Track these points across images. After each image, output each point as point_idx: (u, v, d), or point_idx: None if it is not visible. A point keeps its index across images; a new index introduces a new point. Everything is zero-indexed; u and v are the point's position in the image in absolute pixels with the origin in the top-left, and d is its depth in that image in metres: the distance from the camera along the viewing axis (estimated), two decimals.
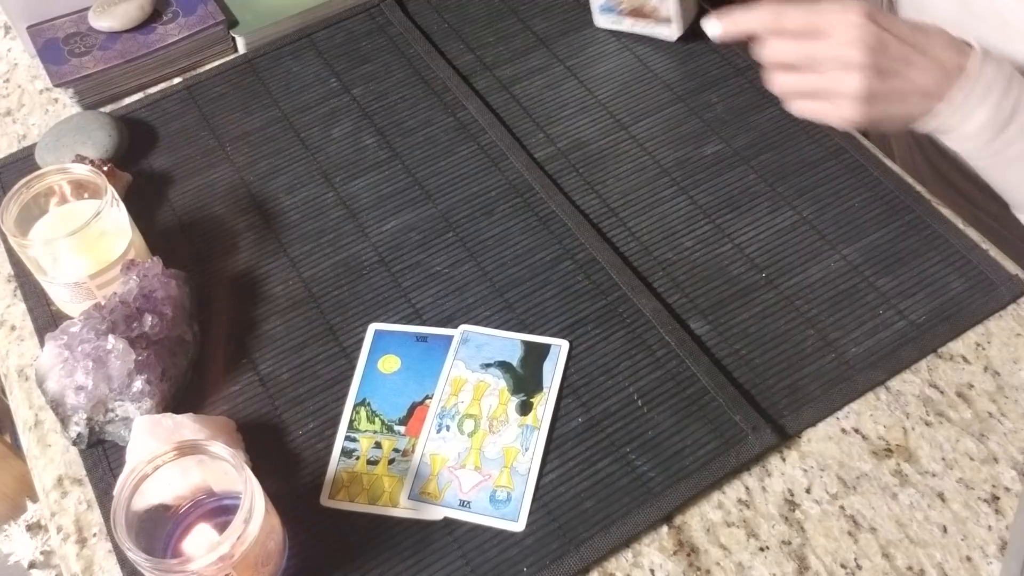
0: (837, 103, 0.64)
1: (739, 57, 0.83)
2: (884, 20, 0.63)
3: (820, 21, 0.63)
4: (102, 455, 0.63)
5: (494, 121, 0.80)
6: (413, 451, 0.62)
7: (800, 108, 0.67)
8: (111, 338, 0.61)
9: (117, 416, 0.62)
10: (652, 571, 0.57)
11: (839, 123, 0.65)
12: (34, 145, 0.80)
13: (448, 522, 0.59)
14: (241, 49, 0.89)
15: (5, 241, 0.75)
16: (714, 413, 0.62)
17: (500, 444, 0.61)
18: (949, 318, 0.66)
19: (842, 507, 0.59)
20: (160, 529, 0.55)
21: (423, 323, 0.68)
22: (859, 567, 0.56)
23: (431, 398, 0.64)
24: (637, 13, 0.83)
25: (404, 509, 0.59)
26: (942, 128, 0.65)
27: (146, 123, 0.84)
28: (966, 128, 0.64)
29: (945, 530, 0.57)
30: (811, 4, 0.63)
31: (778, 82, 0.66)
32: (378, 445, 0.62)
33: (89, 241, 0.64)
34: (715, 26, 0.66)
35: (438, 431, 0.62)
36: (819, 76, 0.64)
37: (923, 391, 0.63)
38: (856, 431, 0.62)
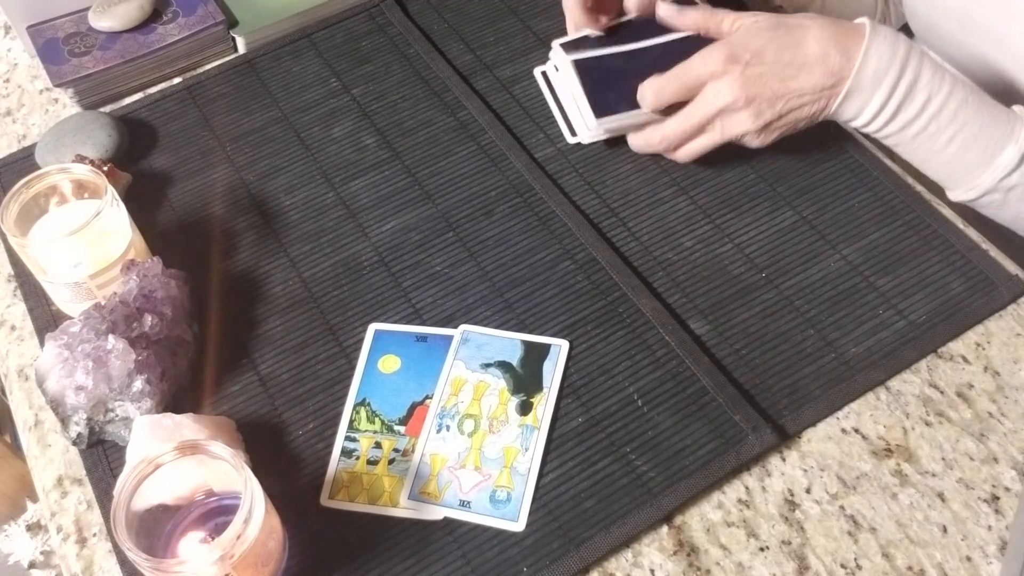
0: (742, 140, 0.69)
1: None
2: (747, 52, 0.66)
3: (687, 79, 0.67)
4: (102, 455, 0.63)
5: (494, 121, 0.80)
6: (413, 451, 0.62)
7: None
8: (111, 338, 0.61)
9: (117, 416, 0.62)
10: (652, 571, 0.57)
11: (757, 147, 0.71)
12: (34, 145, 0.80)
13: (448, 522, 0.59)
14: (241, 49, 0.89)
15: (5, 241, 0.75)
16: (714, 413, 0.62)
17: (500, 444, 0.61)
18: (949, 318, 0.66)
19: (842, 507, 0.59)
20: (160, 529, 0.55)
21: (423, 323, 0.68)
22: (859, 567, 0.56)
23: (431, 398, 0.64)
24: None
25: (404, 509, 0.59)
26: (843, 118, 0.69)
27: (146, 123, 0.84)
28: (864, 115, 0.67)
29: (945, 530, 0.57)
30: (680, 64, 0.68)
31: (683, 155, 0.72)
32: (378, 445, 0.62)
33: (89, 241, 0.64)
34: (599, 133, 0.74)
35: (438, 431, 0.62)
36: (713, 130, 0.69)
37: (923, 391, 0.63)
38: (856, 431, 0.62)
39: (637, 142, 0.74)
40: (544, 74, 0.81)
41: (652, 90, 0.69)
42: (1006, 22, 0.71)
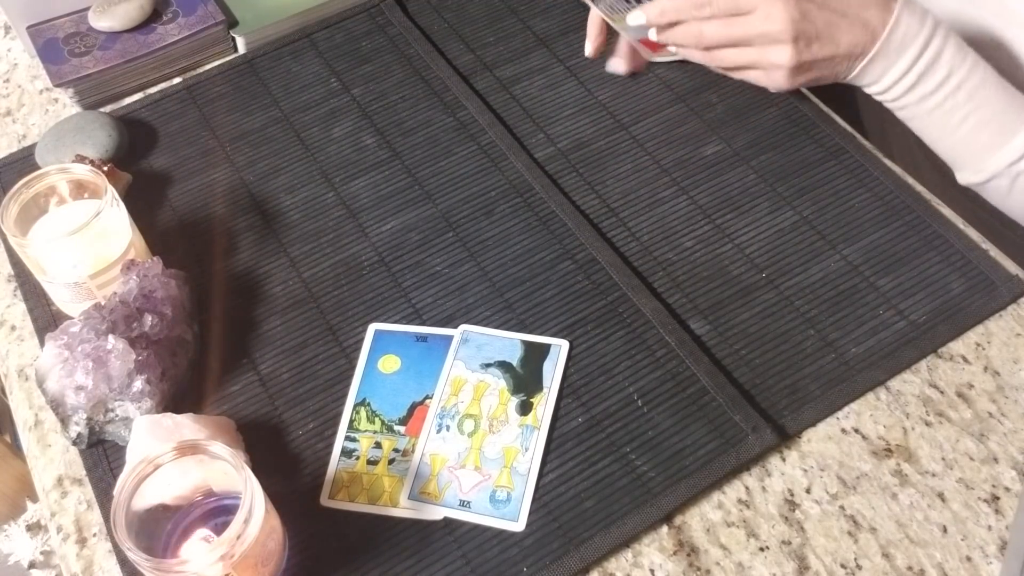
0: (769, 73, 0.68)
1: None
2: None
3: (742, 1, 0.66)
4: (102, 455, 0.63)
5: (494, 121, 0.80)
6: (413, 451, 0.62)
7: (732, 74, 0.71)
8: (111, 338, 0.61)
9: (117, 416, 0.62)
10: (652, 571, 0.57)
11: (772, 89, 0.70)
12: (34, 145, 0.80)
13: (448, 522, 0.59)
14: (241, 49, 0.89)
15: (5, 241, 0.75)
16: (714, 413, 0.62)
17: (500, 444, 0.61)
18: (949, 318, 0.66)
19: (842, 507, 0.59)
20: (160, 529, 0.55)
21: (423, 323, 0.68)
22: (859, 567, 0.56)
23: (431, 398, 0.64)
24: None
25: (404, 509, 0.59)
26: (863, 82, 0.68)
27: (146, 123, 0.84)
28: (883, 81, 0.67)
29: (945, 530, 0.57)
30: None
31: (709, 57, 0.70)
32: (378, 445, 0.62)
33: (89, 241, 0.64)
34: (638, 16, 0.71)
35: (438, 431, 0.62)
36: (748, 50, 0.67)
37: (923, 391, 0.63)
38: (856, 431, 0.62)
39: (675, 36, 0.71)
40: None
41: (698, 2, 0.66)
42: (1003, 25, 0.71)
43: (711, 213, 0.73)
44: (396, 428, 0.63)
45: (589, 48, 0.82)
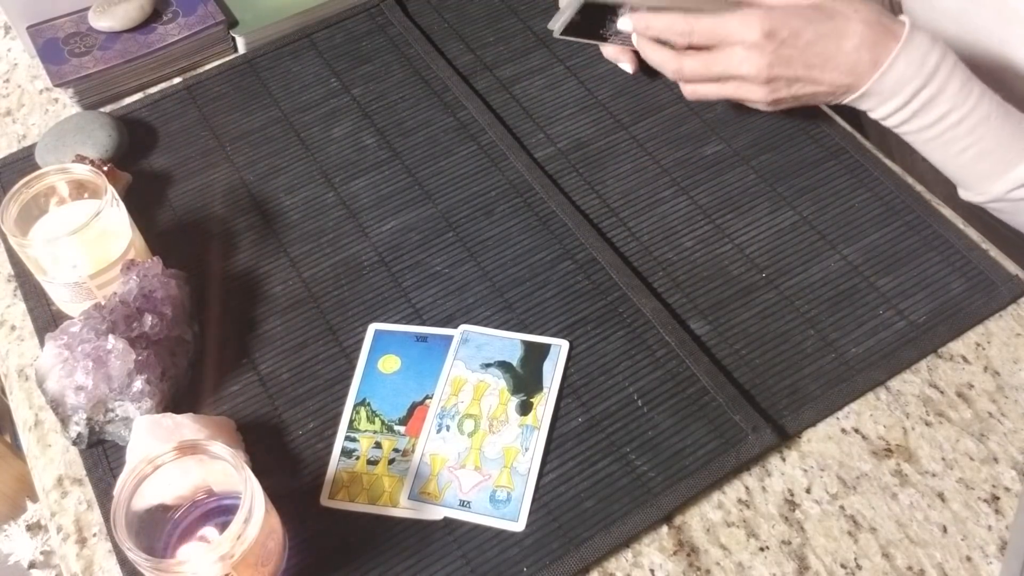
0: (744, 100, 0.71)
1: None
2: (786, 30, 0.65)
3: (722, 35, 0.67)
4: (102, 455, 0.63)
5: (494, 121, 0.80)
6: (413, 451, 0.62)
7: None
8: (111, 338, 0.61)
9: (117, 416, 0.62)
10: (652, 571, 0.57)
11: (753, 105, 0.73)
12: (34, 145, 0.80)
13: (448, 522, 0.59)
14: (241, 49, 0.89)
15: (5, 241, 0.75)
16: (714, 413, 0.62)
17: (500, 444, 0.61)
18: (949, 318, 0.66)
19: (842, 507, 0.59)
20: (160, 529, 0.55)
21: (423, 323, 0.68)
22: (859, 567, 0.56)
23: (431, 398, 0.64)
24: None
25: (404, 509, 0.59)
26: (858, 107, 0.70)
27: (146, 123, 0.84)
28: (879, 111, 0.69)
29: (945, 530, 0.57)
30: (717, 14, 0.68)
31: (689, 91, 0.73)
32: (378, 445, 0.62)
33: (89, 241, 0.64)
34: (626, 23, 0.74)
35: (438, 431, 0.62)
36: (726, 85, 0.70)
37: (923, 391, 0.63)
38: (856, 431, 0.62)
39: (655, 57, 0.73)
40: None
41: (681, 30, 0.68)
42: (1004, 25, 0.71)
43: (711, 213, 0.73)
44: (396, 428, 0.63)
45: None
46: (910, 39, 0.65)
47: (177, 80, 0.87)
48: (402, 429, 0.63)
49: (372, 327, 0.68)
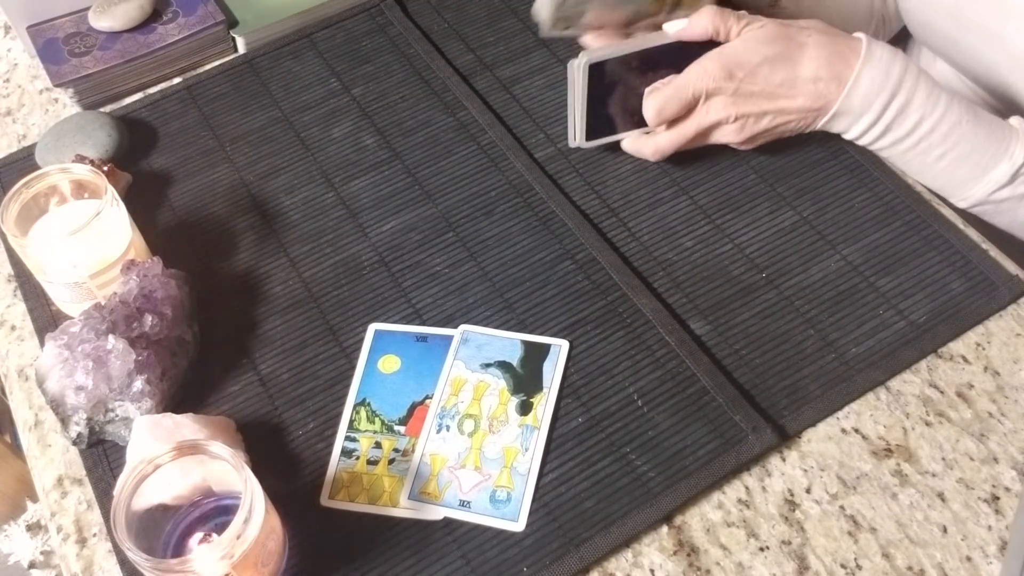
0: (726, 143, 0.72)
1: None
2: (741, 69, 0.67)
3: (687, 96, 0.69)
4: (102, 455, 0.63)
5: (494, 121, 0.80)
6: (413, 451, 0.62)
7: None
8: (111, 338, 0.61)
9: (117, 416, 0.62)
10: (652, 571, 0.57)
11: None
12: (34, 145, 0.80)
13: (448, 522, 0.59)
14: (241, 49, 0.89)
15: (5, 241, 0.75)
16: (714, 413, 0.62)
17: (500, 444, 0.61)
18: (949, 318, 0.66)
19: (842, 507, 0.59)
20: (160, 529, 0.55)
21: (423, 323, 0.68)
22: (859, 567, 0.56)
23: (431, 398, 0.64)
24: None
25: (404, 509, 0.59)
26: (831, 131, 0.71)
27: (146, 123, 0.84)
28: (851, 132, 0.70)
29: (945, 530, 0.57)
30: (678, 78, 0.69)
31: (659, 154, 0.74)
32: (378, 445, 0.62)
33: (89, 241, 0.64)
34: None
35: (438, 431, 0.62)
36: (700, 139, 0.72)
37: (923, 391, 0.63)
38: (856, 431, 0.62)
39: (630, 147, 0.75)
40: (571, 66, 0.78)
41: (655, 109, 0.69)
42: (1000, 20, 0.71)
43: (711, 213, 0.73)
44: (396, 428, 0.63)
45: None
46: (870, 53, 0.66)
47: (177, 80, 0.87)
48: (402, 429, 0.63)
49: (372, 327, 0.68)
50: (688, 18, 0.70)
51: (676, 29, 0.70)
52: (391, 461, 0.61)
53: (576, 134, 0.74)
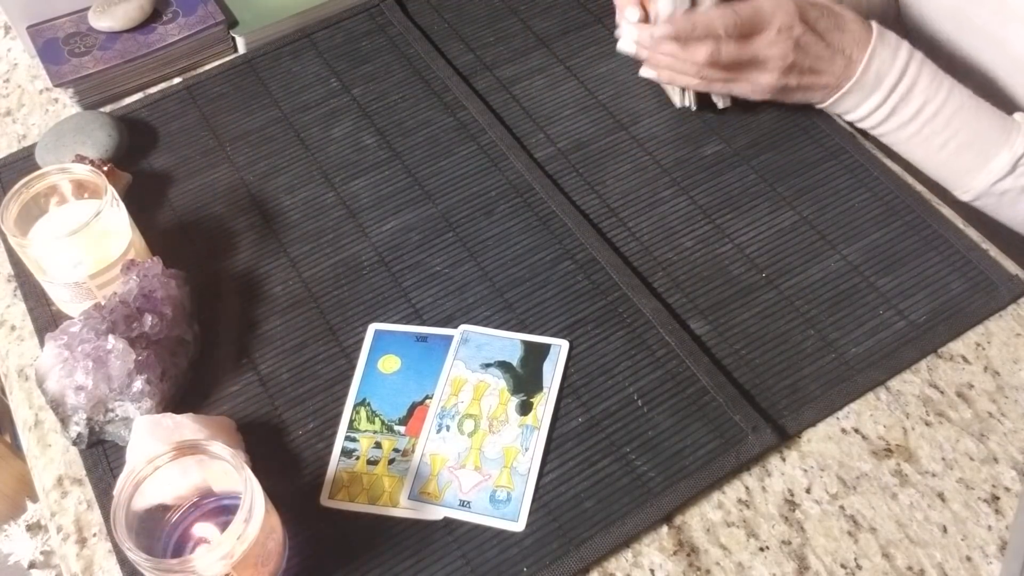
0: (750, 89, 0.72)
1: None
2: (811, 15, 0.68)
3: (757, 20, 0.69)
4: (102, 455, 0.63)
5: (494, 121, 0.80)
6: (413, 451, 0.62)
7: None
8: (111, 338, 0.61)
9: (117, 416, 0.62)
10: (652, 571, 0.57)
11: (752, 98, 0.74)
12: (34, 145, 0.80)
13: (448, 522, 0.59)
14: (241, 49, 0.89)
15: (5, 241, 0.75)
16: (714, 413, 0.62)
17: (500, 444, 0.61)
18: (949, 318, 0.66)
19: (842, 507, 0.59)
20: (160, 529, 0.55)
21: (423, 323, 0.68)
22: (859, 567, 0.56)
23: (431, 398, 0.64)
24: None
25: (404, 509, 0.59)
26: (838, 110, 0.72)
27: (146, 123, 0.84)
28: (858, 111, 0.71)
29: (945, 530, 0.57)
30: (752, 3, 0.69)
31: (701, 79, 0.72)
32: (378, 445, 0.62)
33: (89, 241, 0.64)
34: (667, 5, 0.70)
35: (438, 431, 0.62)
36: (739, 75, 0.71)
37: (923, 391, 0.63)
38: (856, 431, 0.62)
39: (695, 52, 0.71)
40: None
41: (720, 17, 0.68)
42: (1002, 23, 0.72)
43: (711, 213, 0.73)
44: (396, 428, 0.63)
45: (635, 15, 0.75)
46: (881, 35, 0.68)
47: (177, 80, 0.87)
48: (402, 429, 0.63)
49: (372, 327, 0.68)
50: None
51: None
52: (391, 461, 0.61)
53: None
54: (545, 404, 0.63)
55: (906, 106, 0.69)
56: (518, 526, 0.58)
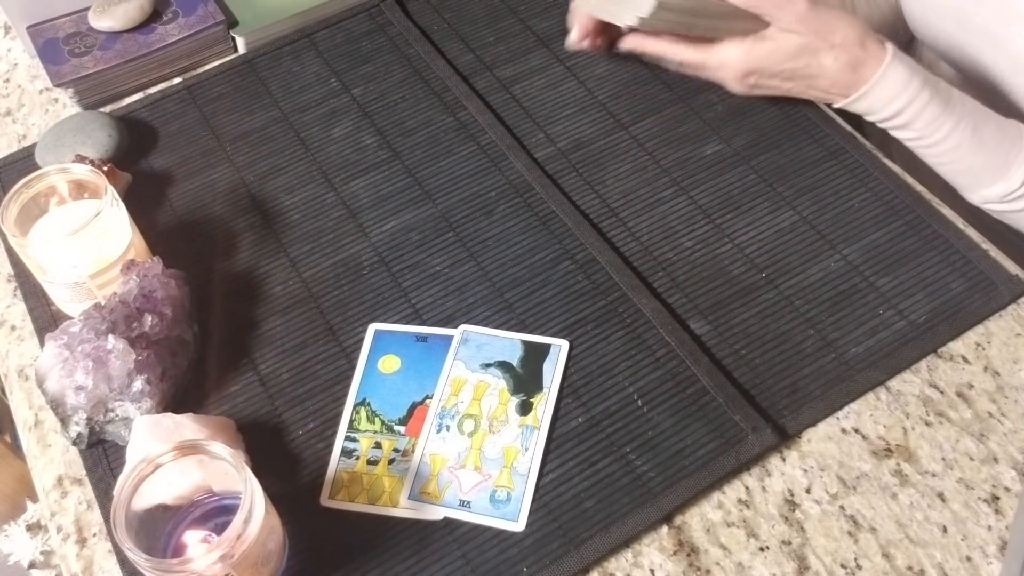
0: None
1: None
2: (758, 75, 0.72)
3: (703, 72, 0.73)
4: (102, 455, 0.63)
5: (494, 121, 0.80)
6: (413, 451, 0.62)
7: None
8: (111, 338, 0.61)
9: (117, 416, 0.62)
10: (652, 571, 0.57)
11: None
12: (34, 145, 0.80)
13: (448, 522, 0.59)
14: (241, 49, 0.89)
15: (5, 241, 0.75)
16: (714, 413, 0.62)
17: (500, 444, 0.61)
18: (949, 318, 0.66)
19: (842, 507, 0.59)
20: (160, 529, 0.55)
21: (423, 323, 0.68)
22: (859, 567, 0.56)
23: (431, 398, 0.64)
24: None
25: (404, 509, 0.59)
26: (852, 110, 0.73)
27: (146, 123, 0.84)
28: (871, 117, 0.72)
29: (945, 530, 0.57)
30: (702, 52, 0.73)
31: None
32: (378, 445, 0.62)
33: (89, 241, 0.64)
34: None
35: (438, 431, 0.62)
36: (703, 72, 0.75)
37: (923, 391, 0.63)
38: (856, 431, 0.62)
39: (630, 43, 0.76)
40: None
41: (672, 52, 0.73)
42: (1004, 23, 0.71)
43: (711, 213, 0.73)
44: (396, 428, 0.63)
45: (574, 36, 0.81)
46: (887, 70, 0.68)
47: (177, 80, 0.87)
48: (402, 429, 0.63)
49: (372, 327, 0.68)
50: None
51: None
52: (391, 461, 0.61)
53: None
54: (545, 404, 0.63)
55: (899, 133, 0.71)
56: (518, 526, 0.58)
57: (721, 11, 0.69)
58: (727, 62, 0.71)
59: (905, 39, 0.92)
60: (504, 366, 0.65)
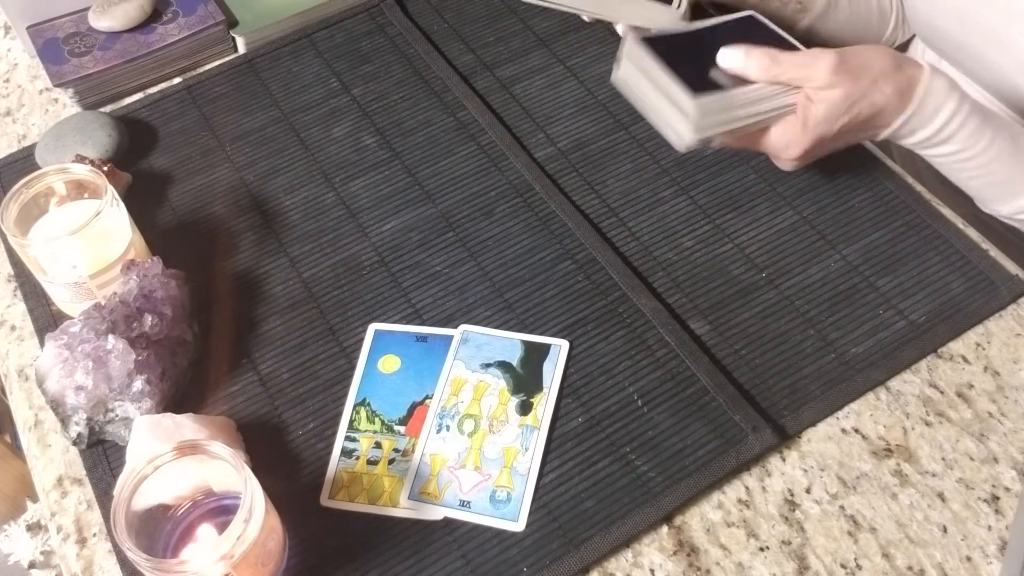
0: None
1: None
2: (827, 140, 0.65)
3: (767, 151, 0.67)
4: (102, 455, 0.63)
5: (494, 121, 0.80)
6: (413, 451, 0.62)
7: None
8: (111, 338, 0.61)
9: (117, 416, 0.62)
10: (652, 571, 0.57)
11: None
12: (34, 145, 0.80)
13: (448, 522, 0.59)
14: (241, 49, 0.89)
15: (5, 241, 0.75)
16: (714, 413, 0.62)
17: (500, 444, 0.61)
18: (949, 318, 0.66)
19: (842, 507, 0.59)
20: (160, 529, 0.55)
21: (423, 323, 0.68)
22: (859, 567, 0.56)
23: (431, 398, 0.64)
24: None
25: (404, 509, 0.59)
26: (896, 137, 0.67)
27: (146, 123, 0.84)
28: (910, 139, 0.67)
29: (945, 530, 0.57)
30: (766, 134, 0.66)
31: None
32: (378, 445, 0.62)
33: (89, 241, 0.64)
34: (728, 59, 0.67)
35: (438, 431, 0.62)
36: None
37: (923, 391, 0.63)
38: (856, 431, 0.62)
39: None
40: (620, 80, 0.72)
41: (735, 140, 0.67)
42: (1007, 23, 0.71)
43: (711, 213, 0.73)
44: (396, 428, 0.63)
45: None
46: (928, 92, 0.64)
47: (177, 80, 0.87)
48: (402, 429, 0.63)
49: (372, 327, 0.68)
50: (743, 55, 0.65)
51: (729, 64, 0.65)
52: (391, 461, 0.61)
53: (682, 104, 0.63)
54: (545, 404, 0.63)
55: (938, 148, 0.67)
56: (518, 526, 0.58)
57: (753, 96, 0.64)
58: (790, 140, 0.66)
59: (904, 40, 0.92)
60: (504, 366, 0.65)
